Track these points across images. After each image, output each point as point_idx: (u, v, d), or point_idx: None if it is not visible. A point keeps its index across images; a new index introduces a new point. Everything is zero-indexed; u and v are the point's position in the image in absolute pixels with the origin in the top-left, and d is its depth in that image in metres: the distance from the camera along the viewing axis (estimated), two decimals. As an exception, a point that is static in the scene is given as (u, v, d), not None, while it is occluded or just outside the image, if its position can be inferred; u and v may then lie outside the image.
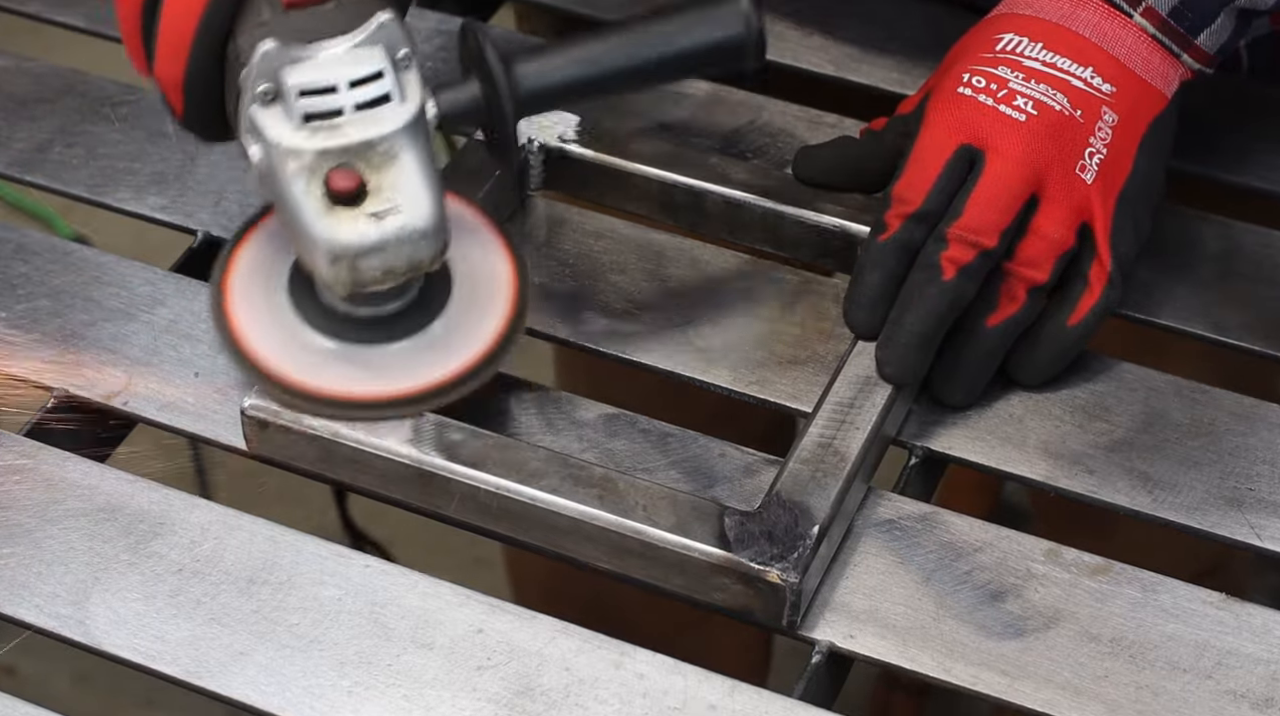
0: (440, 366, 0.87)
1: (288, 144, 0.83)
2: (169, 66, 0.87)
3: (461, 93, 0.89)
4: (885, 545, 0.90)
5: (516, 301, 0.89)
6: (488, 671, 0.84)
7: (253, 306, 0.88)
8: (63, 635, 0.86)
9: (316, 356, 0.87)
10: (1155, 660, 0.86)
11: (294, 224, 0.83)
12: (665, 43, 0.90)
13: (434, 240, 0.83)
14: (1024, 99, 0.94)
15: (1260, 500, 0.91)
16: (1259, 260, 1.03)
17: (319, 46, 0.83)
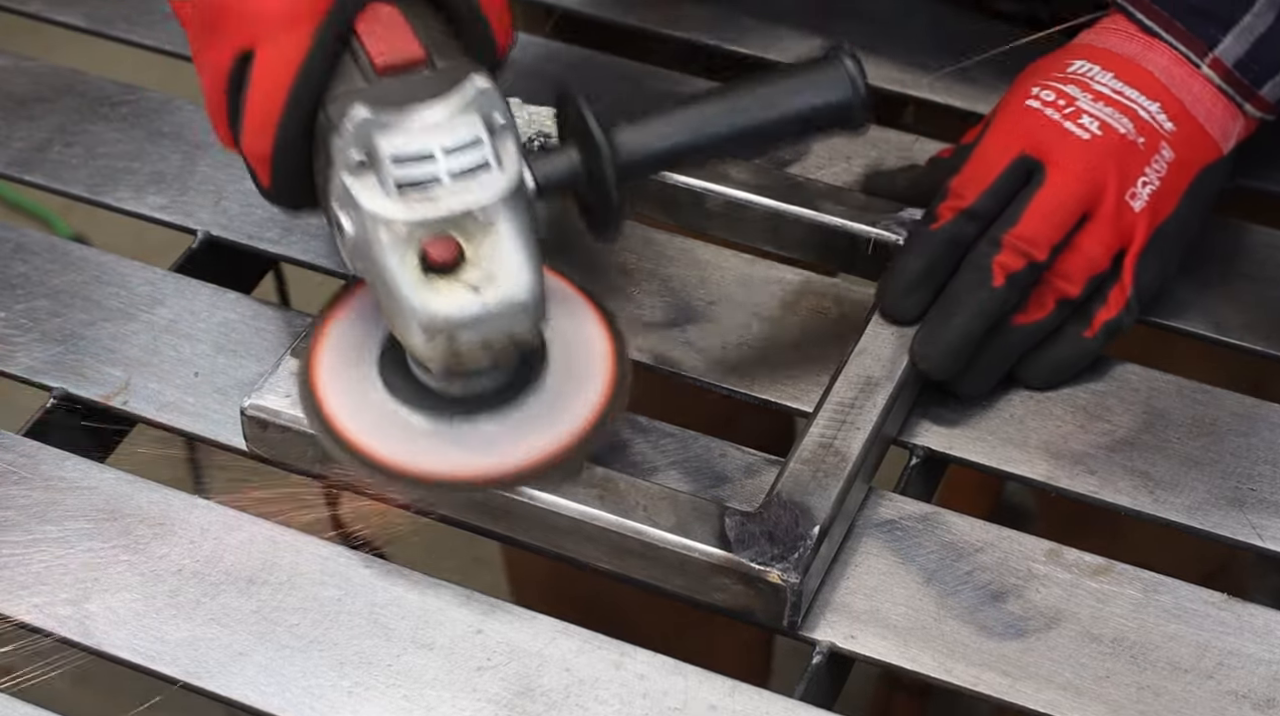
0: (537, 445, 0.85)
1: (383, 213, 0.81)
2: (257, 140, 0.86)
3: (559, 160, 0.86)
4: (886, 545, 0.90)
5: (615, 377, 0.88)
6: (488, 672, 0.84)
7: (342, 383, 0.87)
8: (62, 635, 0.86)
9: (410, 434, 0.86)
10: (1157, 660, 0.85)
11: (388, 296, 0.81)
12: (768, 108, 0.88)
13: (533, 313, 0.81)
14: (1090, 118, 0.95)
15: (1262, 500, 0.91)
16: (1261, 260, 1.03)
17: (413, 112, 0.81)
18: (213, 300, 1.00)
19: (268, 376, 0.92)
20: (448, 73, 0.83)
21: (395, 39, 0.84)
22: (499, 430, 0.86)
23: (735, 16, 1.16)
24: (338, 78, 0.84)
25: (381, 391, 0.87)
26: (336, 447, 0.86)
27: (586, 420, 0.87)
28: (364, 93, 0.82)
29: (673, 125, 0.88)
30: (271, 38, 0.84)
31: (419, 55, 0.84)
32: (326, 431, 0.86)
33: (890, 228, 0.99)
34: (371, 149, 0.81)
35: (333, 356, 0.88)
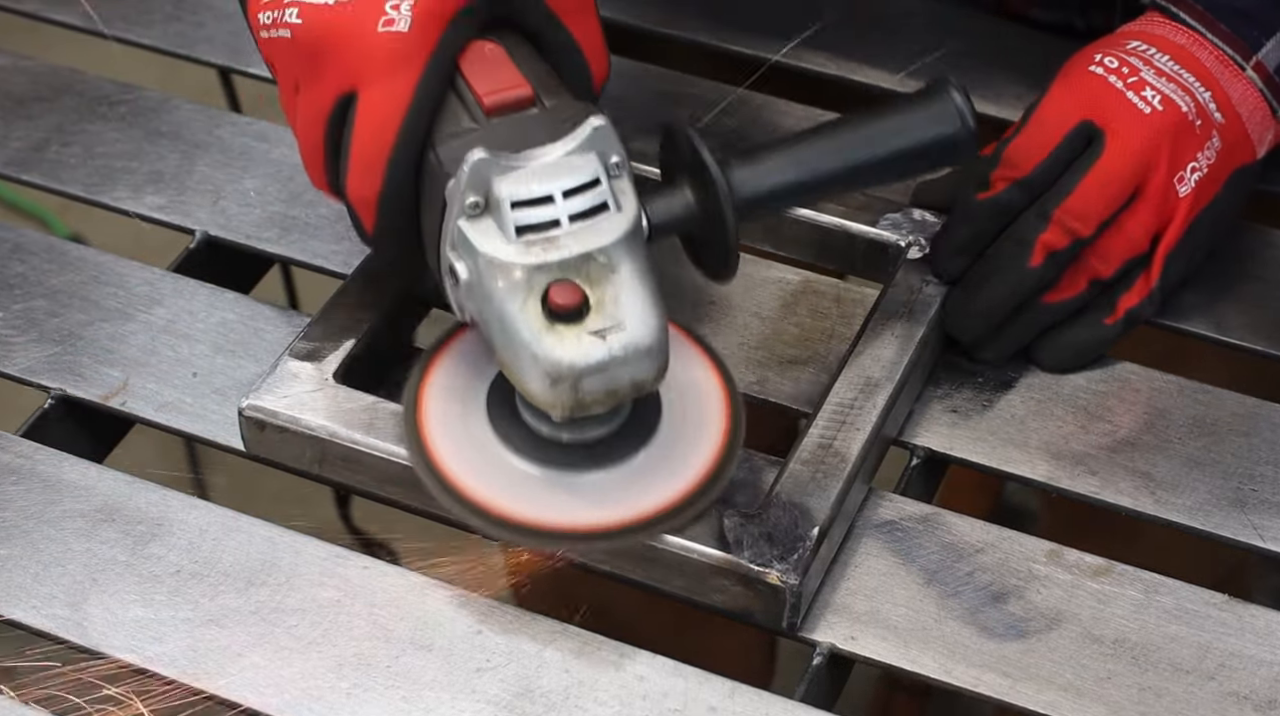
0: (655, 494, 0.84)
1: (503, 259, 0.79)
2: (362, 183, 0.84)
3: (674, 200, 0.85)
4: (886, 546, 0.89)
5: (730, 423, 0.86)
6: (487, 673, 0.84)
7: (451, 431, 0.85)
8: (60, 637, 0.86)
9: (525, 484, 0.84)
10: (1158, 661, 0.85)
11: (508, 343, 0.80)
12: (880, 144, 0.88)
13: (658, 358, 0.80)
14: (1153, 91, 0.94)
15: (1263, 501, 0.91)
16: (1263, 260, 1.03)
17: (531, 155, 0.80)
18: (211, 300, 1.00)
19: (266, 377, 0.91)
20: (559, 111, 0.82)
21: (502, 77, 0.83)
22: (618, 481, 0.85)
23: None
24: (444, 118, 0.83)
25: (494, 439, 0.85)
26: (452, 502, 0.84)
27: (704, 471, 0.85)
28: (478, 135, 0.81)
29: (785, 162, 0.87)
30: (378, 78, 0.82)
31: (527, 94, 0.82)
32: (439, 483, 0.85)
33: (890, 227, 0.98)
34: (489, 193, 0.79)
35: (440, 404, 0.86)
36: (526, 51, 0.85)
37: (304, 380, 0.91)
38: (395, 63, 0.82)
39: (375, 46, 0.82)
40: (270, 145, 1.09)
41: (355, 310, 0.94)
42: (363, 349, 0.93)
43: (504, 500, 0.84)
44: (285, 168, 1.07)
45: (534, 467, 0.85)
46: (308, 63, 0.85)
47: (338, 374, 0.92)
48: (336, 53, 0.83)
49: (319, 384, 0.91)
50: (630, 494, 0.84)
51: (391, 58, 0.82)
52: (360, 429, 0.89)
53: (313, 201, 1.05)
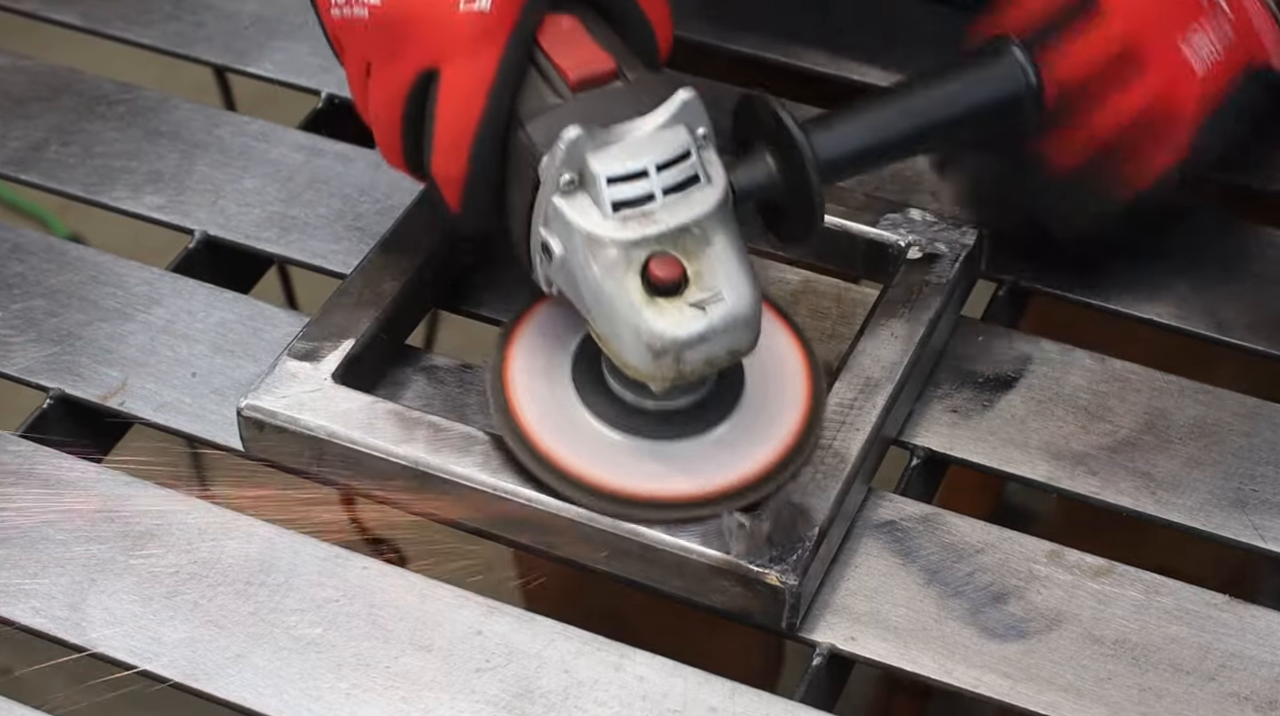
0: (745, 463, 0.85)
1: (602, 234, 0.80)
2: (449, 162, 0.84)
3: (756, 168, 0.86)
4: (886, 546, 0.89)
5: (812, 390, 0.88)
6: (486, 673, 0.84)
7: (542, 406, 0.86)
8: (59, 637, 0.86)
9: (617, 453, 0.86)
10: (1158, 662, 0.85)
11: (608, 317, 0.81)
12: (949, 105, 0.90)
13: (755, 326, 0.81)
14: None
15: (1264, 501, 0.91)
16: (1264, 260, 1.02)
17: (624, 129, 0.80)
18: (210, 300, 1.00)
19: (265, 377, 0.91)
20: (643, 84, 0.82)
21: (584, 52, 0.83)
22: (707, 450, 0.86)
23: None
24: (527, 94, 0.83)
25: (581, 408, 0.87)
26: (551, 474, 0.85)
27: (792, 435, 0.87)
28: (568, 111, 0.81)
29: (861, 126, 0.88)
30: (460, 54, 0.83)
31: (611, 68, 0.83)
32: (536, 459, 0.86)
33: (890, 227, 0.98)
34: (584, 169, 0.80)
35: (525, 375, 0.87)
36: (600, 24, 0.85)
37: (303, 380, 0.91)
38: (477, 40, 0.83)
39: (457, 24, 0.83)
40: (270, 145, 1.09)
41: (354, 310, 0.94)
42: (362, 349, 0.93)
43: (597, 469, 0.85)
44: (285, 167, 1.07)
45: (622, 436, 0.86)
46: (386, 41, 0.85)
47: (336, 374, 0.91)
48: (418, 31, 0.84)
49: (318, 384, 0.91)
50: (719, 463, 0.85)
51: (474, 35, 0.83)
52: (359, 429, 0.89)
53: (312, 201, 1.05)
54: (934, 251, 0.97)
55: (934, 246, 0.98)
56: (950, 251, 0.98)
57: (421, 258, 0.97)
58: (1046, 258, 1.00)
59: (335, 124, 1.11)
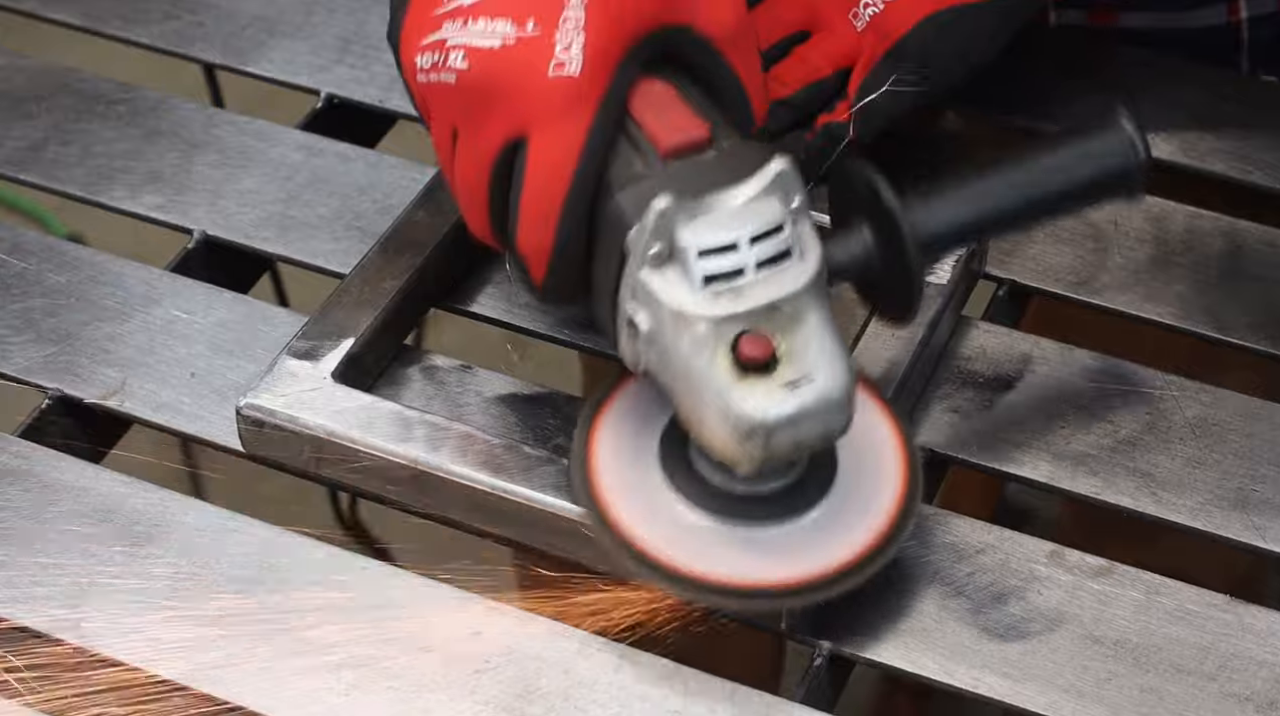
0: (839, 549, 0.82)
1: (690, 311, 0.77)
2: (536, 233, 0.81)
3: (852, 243, 0.82)
4: (887, 547, 0.89)
5: (908, 472, 0.84)
6: (486, 674, 0.84)
7: (632, 495, 0.83)
8: (58, 637, 0.85)
9: (702, 538, 0.82)
10: (1159, 663, 0.85)
11: (694, 396, 0.78)
12: (1053, 179, 0.85)
13: (847, 409, 0.78)
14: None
15: (1265, 501, 0.91)
16: (1266, 260, 1.02)
17: (716, 200, 0.77)
18: (209, 300, 1.00)
19: (264, 376, 0.91)
20: (736, 153, 0.80)
21: (677, 119, 0.81)
22: (801, 537, 0.83)
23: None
24: (617, 162, 0.80)
25: (670, 492, 0.83)
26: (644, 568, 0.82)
27: (887, 522, 0.83)
28: (660, 181, 0.78)
29: (960, 201, 0.84)
30: (549, 123, 0.80)
31: (705, 135, 0.80)
32: (625, 550, 0.83)
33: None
34: (674, 241, 0.77)
35: (612, 460, 0.84)
36: (691, 89, 0.83)
37: (302, 379, 0.91)
38: (567, 107, 0.80)
39: (546, 91, 0.80)
40: (269, 144, 1.09)
41: (354, 309, 0.94)
42: (361, 348, 0.93)
43: (683, 556, 0.82)
44: (284, 167, 1.07)
45: (710, 520, 0.83)
46: (473, 107, 0.82)
47: (336, 373, 0.91)
48: (506, 97, 0.81)
49: (317, 383, 0.91)
50: (807, 549, 0.82)
51: (564, 102, 0.80)
52: (358, 428, 0.89)
53: (311, 201, 1.05)
54: (934, 251, 0.97)
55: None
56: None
57: (421, 257, 0.96)
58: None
59: (334, 124, 1.11)
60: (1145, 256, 1.02)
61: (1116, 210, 1.04)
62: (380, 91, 1.12)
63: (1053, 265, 1.02)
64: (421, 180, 1.02)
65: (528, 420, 0.93)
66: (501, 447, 0.89)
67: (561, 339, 0.98)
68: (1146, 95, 1.06)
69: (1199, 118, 1.08)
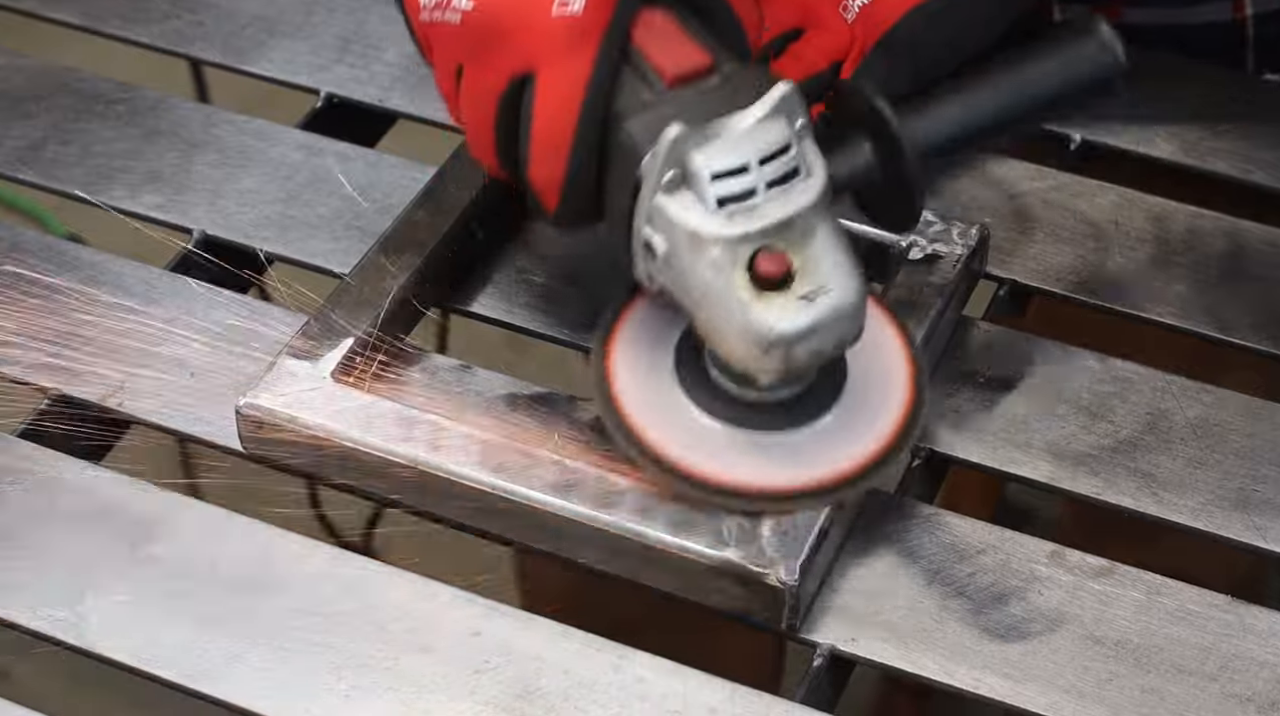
0: (848, 455, 0.85)
1: (707, 231, 0.80)
2: (547, 166, 0.84)
3: (855, 156, 0.86)
4: (888, 547, 0.89)
5: (914, 382, 0.88)
6: (486, 674, 0.84)
7: (645, 396, 0.86)
8: (57, 638, 0.85)
9: (718, 444, 0.85)
10: (1160, 663, 0.85)
11: (716, 313, 0.81)
12: (1038, 84, 0.89)
13: (860, 317, 0.81)
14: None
15: (1266, 501, 0.91)
16: (1267, 260, 1.02)
17: (724, 125, 0.80)
18: (209, 300, 1.00)
19: (263, 375, 0.91)
20: (739, 78, 0.82)
21: (679, 47, 0.83)
22: (808, 442, 0.86)
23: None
24: (623, 92, 0.83)
25: (687, 401, 0.87)
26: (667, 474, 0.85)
27: (895, 427, 0.86)
28: (668, 109, 0.81)
29: (953, 109, 0.88)
30: (554, 58, 0.82)
31: (707, 62, 0.83)
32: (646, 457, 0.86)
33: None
34: (687, 166, 0.80)
35: (629, 371, 0.87)
36: (690, 19, 0.85)
37: (302, 379, 0.91)
38: (572, 43, 0.82)
39: (551, 28, 0.82)
40: (268, 144, 1.09)
41: (354, 309, 0.94)
42: (360, 348, 0.93)
43: (700, 461, 0.85)
44: (283, 167, 1.07)
45: (727, 427, 0.86)
46: (478, 46, 0.85)
47: (335, 373, 0.91)
48: (511, 36, 0.83)
49: (317, 383, 0.91)
50: (822, 454, 0.85)
51: (568, 38, 0.82)
52: (358, 428, 0.89)
53: (311, 201, 1.05)
54: (935, 252, 0.97)
55: (935, 247, 0.97)
56: (951, 252, 0.97)
57: (421, 257, 0.96)
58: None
59: (334, 123, 1.11)
60: (1146, 256, 1.02)
61: (1117, 210, 1.04)
62: (380, 91, 1.12)
63: (1054, 265, 1.02)
64: (421, 180, 1.02)
65: (528, 420, 0.93)
66: (501, 447, 0.88)
67: (561, 339, 0.98)
68: (1148, 94, 1.06)
69: (1201, 117, 1.08)
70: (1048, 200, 1.05)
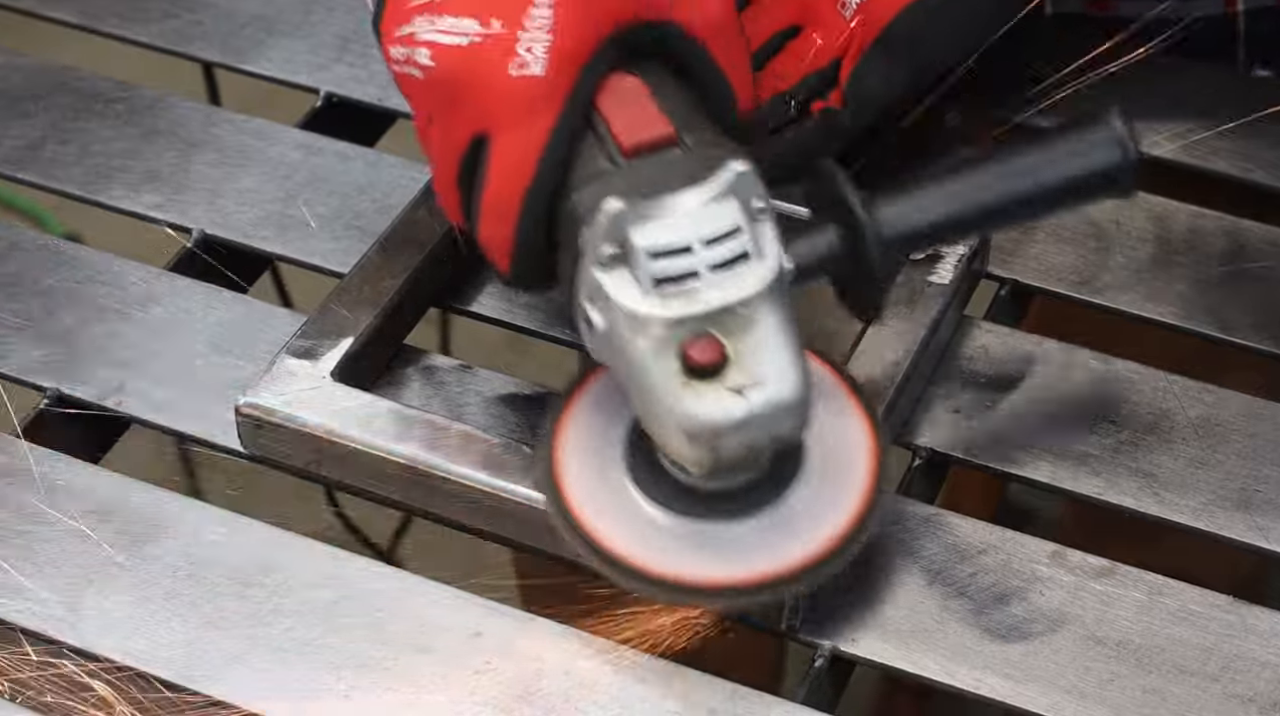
0: (799, 548, 0.81)
1: (639, 312, 0.76)
2: (496, 228, 0.82)
3: (817, 241, 0.82)
4: (888, 547, 0.89)
5: (876, 469, 0.83)
6: (486, 675, 0.84)
7: (589, 483, 0.83)
8: (56, 638, 0.85)
9: (665, 537, 0.82)
10: (1161, 663, 0.85)
11: (645, 397, 0.78)
12: (1035, 176, 0.83)
13: (800, 413, 0.77)
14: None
15: (1268, 501, 0.90)
16: (1268, 258, 1.02)
17: (669, 202, 0.77)
18: (208, 299, 1.00)
19: (263, 375, 0.91)
20: (699, 152, 0.79)
21: (641, 116, 0.80)
22: (758, 533, 0.82)
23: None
24: (581, 158, 0.80)
25: (634, 492, 0.83)
26: (603, 562, 0.82)
27: (850, 519, 0.82)
28: (614, 181, 0.78)
29: (934, 198, 0.83)
30: (510, 124, 0.80)
31: (667, 133, 0.79)
32: (578, 534, 0.83)
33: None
34: (625, 242, 0.77)
35: (577, 453, 0.84)
36: (669, 83, 0.82)
37: (301, 378, 0.91)
38: (529, 108, 0.80)
39: (507, 91, 0.80)
40: (268, 143, 1.08)
41: (353, 308, 0.94)
42: (360, 347, 0.93)
43: (642, 553, 0.82)
44: (283, 166, 1.07)
45: (672, 518, 0.82)
46: (440, 102, 0.82)
47: (335, 372, 0.91)
48: (469, 96, 0.81)
49: (316, 382, 0.91)
50: (772, 545, 0.82)
51: (526, 103, 0.80)
52: (357, 427, 0.89)
53: (310, 200, 1.05)
54: (936, 252, 0.97)
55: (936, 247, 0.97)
56: (952, 252, 0.97)
57: (421, 257, 0.96)
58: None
59: (334, 123, 1.11)
60: (1147, 256, 1.02)
61: (1119, 209, 1.04)
62: (379, 90, 1.12)
63: (1055, 265, 1.01)
64: (421, 179, 1.01)
65: (528, 420, 0.93)
66: (501, 447, 0.88)
67: (562, 339, 0.98)
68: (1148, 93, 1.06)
69: (1202, 116, 1.07)
70: (1049, 200, 1.05)
